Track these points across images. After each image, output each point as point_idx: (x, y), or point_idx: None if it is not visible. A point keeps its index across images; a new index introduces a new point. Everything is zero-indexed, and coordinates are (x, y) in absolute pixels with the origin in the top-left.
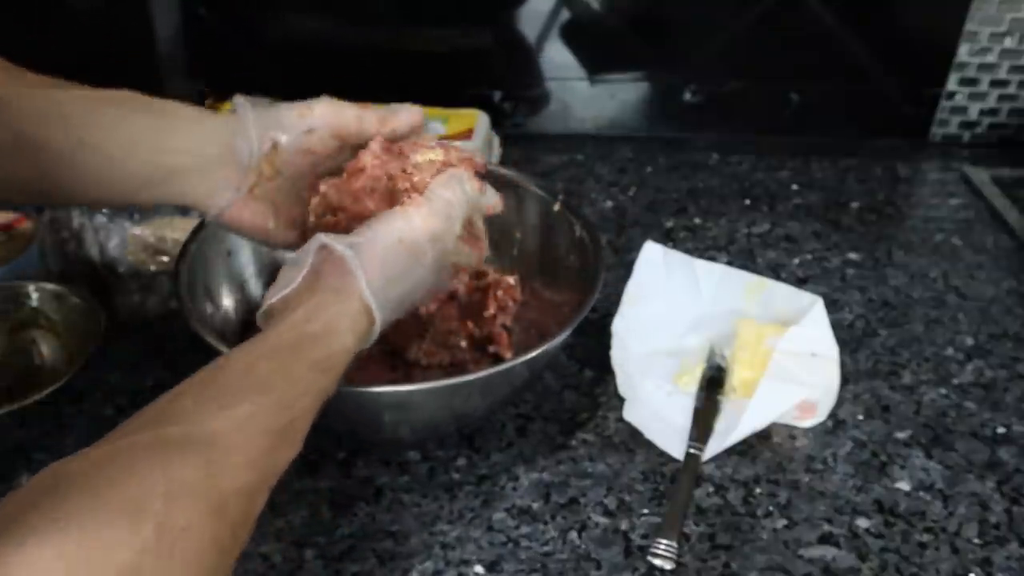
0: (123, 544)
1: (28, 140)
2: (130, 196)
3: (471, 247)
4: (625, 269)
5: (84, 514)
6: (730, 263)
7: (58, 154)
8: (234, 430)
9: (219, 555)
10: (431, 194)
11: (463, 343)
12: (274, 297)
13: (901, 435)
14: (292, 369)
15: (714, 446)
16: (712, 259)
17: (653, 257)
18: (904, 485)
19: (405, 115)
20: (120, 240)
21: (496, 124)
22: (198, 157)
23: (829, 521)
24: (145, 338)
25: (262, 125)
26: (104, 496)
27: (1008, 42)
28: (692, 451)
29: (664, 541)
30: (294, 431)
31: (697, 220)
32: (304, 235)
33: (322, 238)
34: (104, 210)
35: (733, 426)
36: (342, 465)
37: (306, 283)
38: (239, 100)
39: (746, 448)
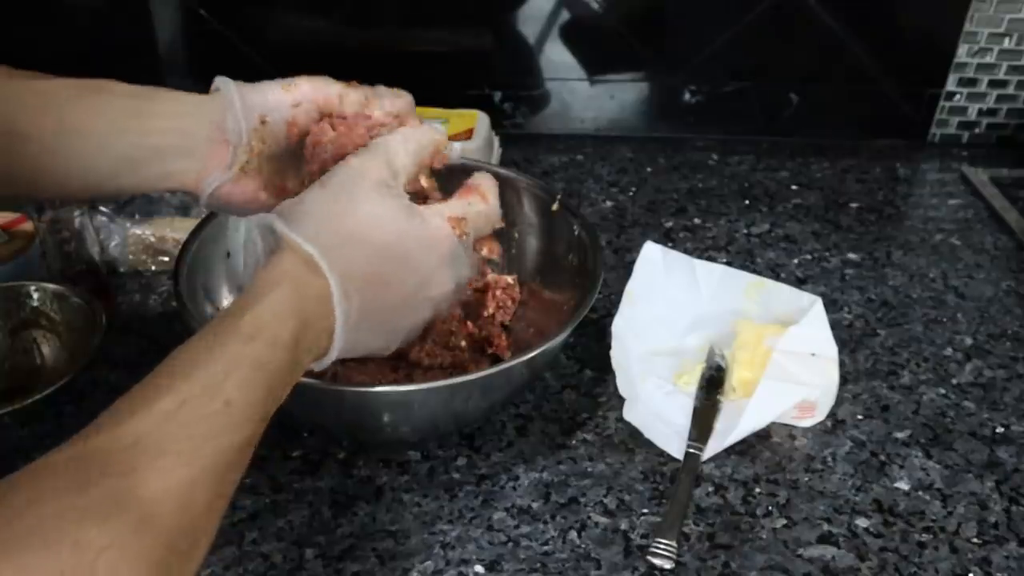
0: (39, 568)
1: (11, 129)
2: (117, 181)
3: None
4: (625, 269)
5: (6, 537)
6: (730, 263)
7: (42, 141)
8: (159, 427)
9: (154, 569)
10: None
11: (463, 343)
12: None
13: (900, 435)
14: (219, 344)
15: (714, 446)
16: (712, 259)
17: (653, 257)
18: (903, 485)
19: (388, 101)
20: (120, 240)
21: (496, 124)
22: (184, 136)
23: (828, 521)
24: (145, 338)
25: (248, 102)
26: (19, 521)
27: (1007, 43)
28: (692, 451)
29: (664, 541)
30: (233, 411)
31: (697, 220)
32: None
33: (271, 220)
34: (104, 208)
35: (733, 426)
36: (342, 465)
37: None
38: (221, 80)
39: (746, 448)
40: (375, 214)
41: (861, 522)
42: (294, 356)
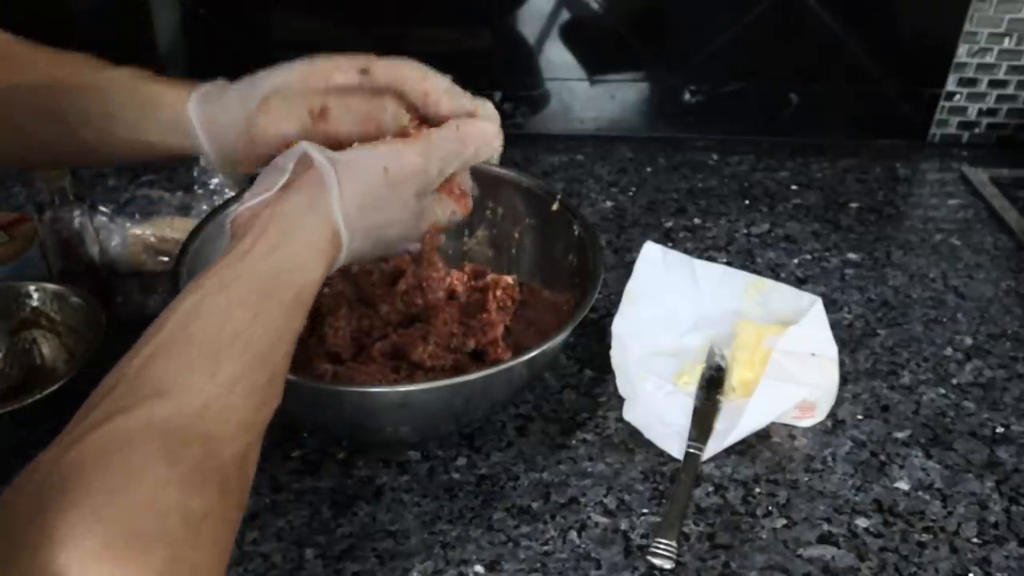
0: (158, 539)
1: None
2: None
3: (456, 203)
4: (625, 269)
5: (114, 511)
6: (730, 263)
7: (87, 132)
8: (224, 395)
9: (230, 531)
10: (427, 136)
11: (464, 347)
12: (251, 201)
13: (900, 435)
14: (267, 316)
15: (714, 446)
16: (712, 259)
17: (653, 257)
18: (903, 485)
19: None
20: (120, 240)
21: None
22: (187, 149)
23: (828, 521)
24: None
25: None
26: (125, 493)
27: (1007, 43)
28: (692, 451)
29: (664, 541)
30: (277, 380)
31: (697, 220)
32: None
33: (304, 146)
34: (104, 208)
35: (732, 426)
36: (342, 465)
37: (276, 195)
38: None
39: (746, 448)
40: (390, 211)
41: (861, 522)
42: None
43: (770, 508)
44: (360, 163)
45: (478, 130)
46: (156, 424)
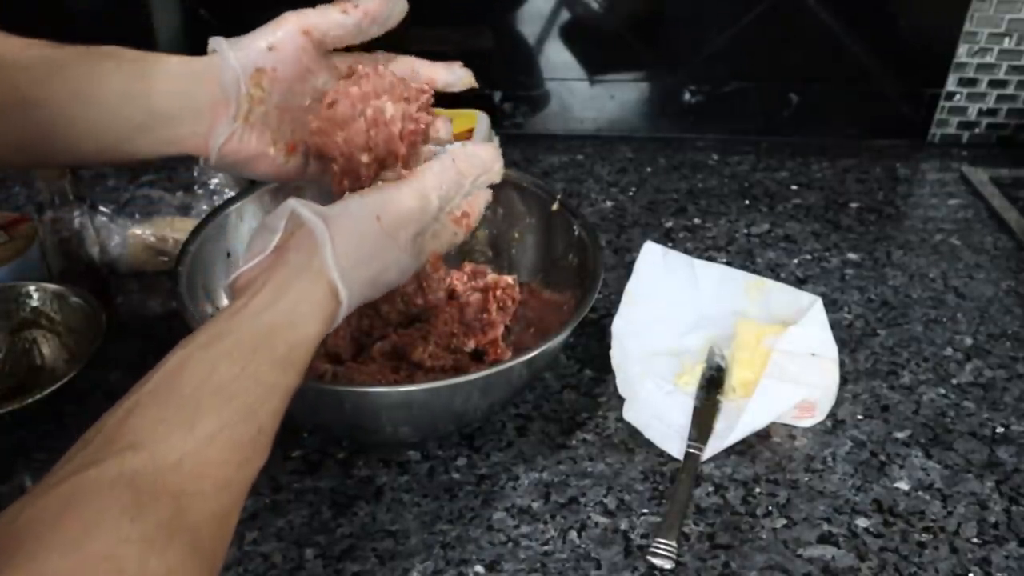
0: None
1: (25, 98)
2: (127, 146)
3: (457, 225)
4: (625, 269)
5: (65, 570)
6: (730, 263)
7: (55, 109)
8: (201, 450)
9: None
10: (420, 175)
11: (464, 347)
12: (246, 265)
13: (900, 435)
14: (256, 370)
15: (714, 446)
16: (712, 259)
17: (653, 257)
18: (903, 485)
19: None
20: (120, 240)
21: (496, 124)
22: (188, 98)
23: (828, 521)
24: (145, 338)
25: (242, 51)
26: (80, 549)
27: (1007, 43)
28: (692, 451)
29: (664, 541)
30: (263, 438)
31: (697, 220)
32: (308, 161)
33: (292, 203)
34: (104, 208)
35: (732, 426)
36: (342, 465)
37: (272, 256)
38: (215, 39)
39: (745, 448)
40: (387, 258)
41: (861, 522)
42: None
43: (770, 508)
44: (351, 215)
45: (476, 160)
46: (125, 477)
